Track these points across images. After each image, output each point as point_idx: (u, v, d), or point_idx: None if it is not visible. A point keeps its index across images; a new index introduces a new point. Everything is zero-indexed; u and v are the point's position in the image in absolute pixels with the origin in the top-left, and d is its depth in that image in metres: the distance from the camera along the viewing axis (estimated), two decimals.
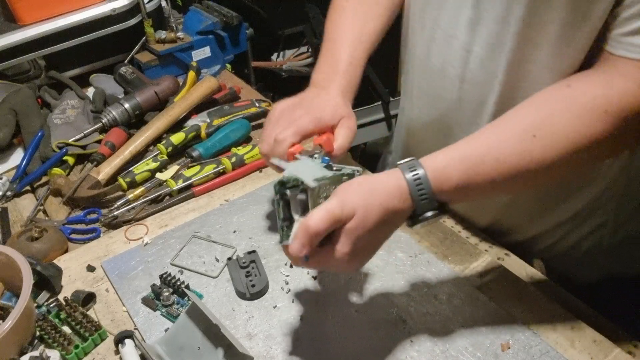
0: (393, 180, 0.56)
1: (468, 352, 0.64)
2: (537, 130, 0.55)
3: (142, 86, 1.13)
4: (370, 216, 0.54)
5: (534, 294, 0.70)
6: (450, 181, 0.56)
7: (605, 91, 0.55)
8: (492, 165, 0.56)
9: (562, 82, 0.59)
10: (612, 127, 0.54)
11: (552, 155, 0.55)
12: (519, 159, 0.55)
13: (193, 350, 0.64)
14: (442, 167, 0.56)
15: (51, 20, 1.14)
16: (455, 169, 0.56)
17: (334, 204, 0.53)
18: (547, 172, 0.57)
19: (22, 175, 0.97)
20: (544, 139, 0.55)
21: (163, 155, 0.98)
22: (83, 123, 1.07)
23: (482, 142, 0.57)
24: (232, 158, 0.96)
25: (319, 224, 0.52)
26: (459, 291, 0.71)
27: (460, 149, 0.57)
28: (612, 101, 0.54)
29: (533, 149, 0.55)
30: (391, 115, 1.91)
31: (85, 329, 0.68)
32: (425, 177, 0.55)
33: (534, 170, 0.56)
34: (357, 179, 0.57)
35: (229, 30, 1.31)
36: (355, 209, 0.53)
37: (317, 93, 0.71)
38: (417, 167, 0.56)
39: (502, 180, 0.56)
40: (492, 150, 0.56)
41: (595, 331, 0.66)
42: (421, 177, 0.55)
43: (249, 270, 0.74)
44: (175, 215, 0.88)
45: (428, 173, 0.55)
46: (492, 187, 0.57)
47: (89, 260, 0.80)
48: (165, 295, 0.71)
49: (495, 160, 0.56)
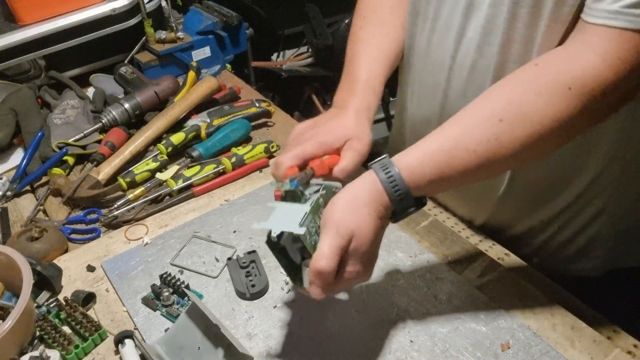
0: (369, 185, 0.56)
1: (468, 352, 0.64)
2: (504, 114, 0.55)
3: (142, 86, 1.13)
4: (365, 230, 0.55)
5: (534, 294, 0.70)
6: (424, 177, 0.56)
7: (568, 67, 0.55)
8: (463, 155, 0.56)
9: (531, 61, 0.59)
10: (577, 103, 0.54)
11: (520, 137, 0.55)
12: (488, 146, 0.55)
13: (193, 350, 0.64)
14: (415, 164, 0.56)
15: (51, 20, 1.14)
16: (427, 164, 0.56)
17: (333, 237, 0.54)
18: (519, 155, 0.56)
19: (22, 175, 0.97)
20: (510, 123, 0.55)
21: (163, 155, 0.98)
22: (83, 123, 1.07)
23: (452, 133, 0.57)
24: (232, 158, 0.96)
25: (330, 263, 0.53)
26: (459, 291, 0.71)
27: (432, 142, 0.58)
28: (575, 76, 0.54)
29: (501, 133, 0.55)
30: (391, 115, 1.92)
31: (85, 329, 0.68)
32: (399, 175, 0.56)
33: (505, 154, 0.56)
34: (338, 198, 0.57)
35: (229, 30, 1.31)
36: (352, 229, 0.54)
37: (334, 114, 0.71)
38: (389, 166, 0.56)
39: (475, 168, 0.56)
40: (461, 139, 0.56)
41: (595, 331, 0.66)
42: (395, 176, 0.56)
43: (249, 270, 0.74)
44: (175, 215, 0.88)
45: (401, 171, 0.56)
46: (466, 175, 0.57)
47: (89, 260, 0.80)
48: (165, 295, 0.71)
49: (465, 150, 0.56)
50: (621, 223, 0.79)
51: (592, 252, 0.82)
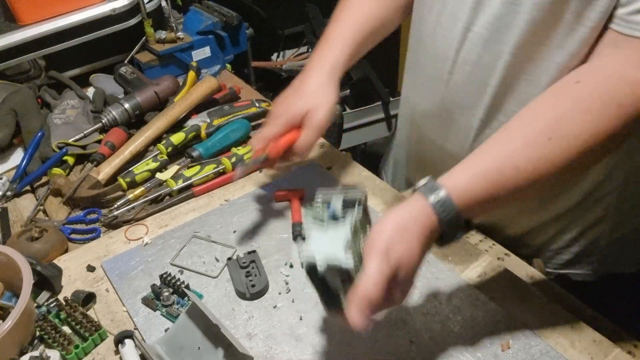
0: (418, 210, 0.54)
1: (468, 352, 0.64)
2: (552, 133, 0.55)
3: (142, 86, 1.13)
4: (413, 260, 0.53)
5: (534, 294, 0.70)
6: (473, 198, 0.55)
7: (616, 85, 0.55)
8: (513, 175, 0.55)
9: (570, 77, 0.58)
10: (626, 119, 0.54)
11: (570, 156, 0.55)
12: (537, 164, 0.55)
13: (193, 350, 0.64)
14: (464, 186, 0.55)
15: (51, 20, 1.14)
16: (477, 185, 0.55)
17: (382, 263, 0.51)
18: (567, 172, 0.57)
19: (22, 175, 0.97)
20: (560, 140, 0.55)
21: (163, 155, 0.98)
22: (83, 123, 1.07)
23: (499, 152, 0.57)
24: (232, 158, 0.96)
25: (378, 289, 0.50)
26: (459, 291, 0.71)
27: (479, 162, 0.57)
28: (625, 93, 0.54)
29: (550, 152, 0.55)
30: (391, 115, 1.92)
31: (85, 329, 0.68)
32: (448, 198, 0.54)
33: (554, 172, 0.55)
34: (385, 223, 0.53)
35: (229, 30, 1.31)
36: (401, 258, 0.52)
37: (297, 85, 0.73)
38: (437, 188, 0.55)
39: (524, 187, 0.56)
40: (510, 159, 0.55)
41: (595, 331, 0.66)
42: (443, 198, 0.54)
43: (249, 270, 0.74)
44: (175, 215, 0.88)
45: (451, 194, 0.54)
46: (515, 194, 0.57)
47: (89, 260, 0.80)
48: (165, 295, 0.71)
49: (515, 169, 0.55)
50: (619, 230, 0.80)
51: (588, 257, 0.82)
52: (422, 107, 0.83)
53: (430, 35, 0.76)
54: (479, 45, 0.68)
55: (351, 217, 0.55)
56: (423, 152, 0.88)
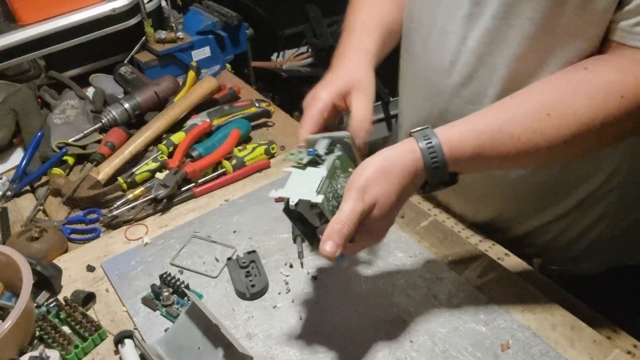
0: (407, 153, 0.56)
1: (468, 352, 0.64)
2: (552, 109, 0.56)
3: (142, 86, 1.13)
4: (391, 199, 0.55)
5: (534, 294, 0.70)
6: (464, 152, 0.57)
7: (622, 76, 0.56)
8: (506, 140, 0.57)
9: (579, 64, 0.60)
10: (626, 111, 0.55)
11: (565, 134, 0.56)
12: (532, 136, 0.56)
13: (193, 350, 0.64)
14: (457, 139, 0.56)
15: (51, 20, 1.14)
16: (469, 141, 0.57)
17: (356, 201, 0.54)
18: (558, 151, 0.58)
19: (22, 175, 0.97)
20: (558, 118, 0.56)
21: (163, 156, 0.98)
22: (83, 123, 1.07)
23: (498, 117, 0.58)
24: (233, 160, 0.96)
25: (349, 226, 0.53)
26: (458, 291, 0.71)
27: (477, 122, 0.58)
28: (630, 86, 0.55)
29: (547, 126, 0.56)
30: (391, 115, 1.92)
31: (85, 329, 0.68)
32: (439, 146, 0.56)
33: (545, 147, 0.57)
34: (370, 162, 0.56)
35: (228, 30, 1.31)
36: (377, 197, 0.55)
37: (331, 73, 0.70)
38: (431, 136, 0.56)
39: (513, 155, 0.57)
40: (506, 125, 0.57)
41: (595, 331, 0.66)
42: (435, 146, 0.56)
43: (249, 270, 0.74)
44: (175, 215, 0.88)
45: (442, 143, 0.56)
46: (503, 161, 0.58)
47: (89, 260, 0.80)
48: (165, 295, 0.71)
49: (509, 135, 0.56)
50: (622, 225, 0.80)
51: (594, 252, 0.82)
52: (418, 120, 0.83)
53: (420, 49, 0.76)
54: (474, 58, 0.68)
55: (330, 160, 0.58)
56: None
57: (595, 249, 0.81)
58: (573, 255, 0.82)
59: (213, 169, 0.96)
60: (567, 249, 0.82)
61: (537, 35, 0.62)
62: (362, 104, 0.65)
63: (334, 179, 0.58)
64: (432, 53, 0.74)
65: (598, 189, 0.75)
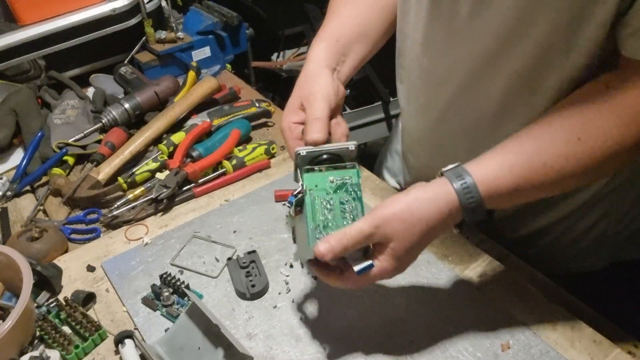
0: (442, 196, 0.55)
1: (468, 352, 0.64)
2: (582, 133, 0.55)
3: (142, 86, 1.13)
4: (412, 238, 0.55)
5: (534, 294, 0.70)
6: (499, 190, 0.55)
7: None
8: (540, 171, 0.55)
9: (599, 81, 0.58)
10: None
11: (597, 157, 0.55)
12: (565, 163, 0.55)
13: (193, 351, 0.64)
14: (492, 176, 0.55)
15: (51, 20, 1.14)
16: (504, 177, 0.55)
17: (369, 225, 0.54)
18: (593, 173, 0.57)
19: (22, 175, 0.97)
20: (590, 141, 0.55)
21: (164, 156, 0.98)
22: (83, 123, 1.07)
23: (528, 147, 0.57)
24: (233, 160, 0.96)
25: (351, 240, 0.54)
26: (459, 291, 0.71)
27: (507, 154, 0.57)
28: None
29: (579, 151, 0.55)
30: (391, 115, 1.91)
31: (85, 329, 0.68)
32: (474, 186, 0.55)
33: (581, 172, 0.56)
34: (401, 200, 0.56)
35: (229, 30, 1.31)
36: (393, 234, 0.55)
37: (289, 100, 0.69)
38: (464, 175, 0.55)
39: (549, 184, 0.56)
40: (538, 154, 0.56)
41: (595, 331, 0.66)
42: (470, 186, 0.55)
43: (249, 271, 0.74)
44: (175, 215, 0.88)
45: (477, 183, 0.55)
46: (539, 191, 0.57)
47: (89, 261, 0.80)
48: (165, 296, 0.71)
49: (542, 165, 0.55)
50: (624, 221, 0.80)
51: (596, 249, 0.82)
52: (416, 129, 0.83)
53: (416, 65, 0.75)
54: (470, 75, 0.68)
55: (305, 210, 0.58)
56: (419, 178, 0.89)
57: (597, 246, 0.81)
58: (575, 253, 0.82)
59: (213, 169, 0.96)
60: (569, 248, 0.82)
61: (534, 51, 0.61)
62: (310, 109, 0.64)
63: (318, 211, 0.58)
64: (428, 70, 0.73)
65: (600, 190, 0.75)
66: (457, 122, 0.74)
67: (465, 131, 0.74)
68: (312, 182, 0.59)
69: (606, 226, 0.79)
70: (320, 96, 0.65)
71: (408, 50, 0.76)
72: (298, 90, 0.68)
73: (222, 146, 0.97)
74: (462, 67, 0.68)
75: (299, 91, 0.68)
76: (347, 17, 0.75)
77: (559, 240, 0.81)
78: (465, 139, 0.74)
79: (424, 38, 0.71)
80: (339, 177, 0.59)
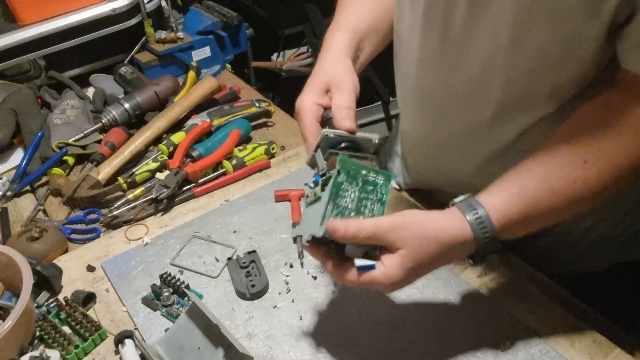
0: (457, 225, 0.55)
1: (468, 352, 0.64)
2: (588, 155, 0.55)
3: (142, 86, 1.13)
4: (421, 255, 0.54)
5: (534, 294, 0.70)
6: (511, 219, 0.55)
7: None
8: (549, 197, 0.55)
9: (599, 101, 0.58)
10: None
11: (604, 179, 0.55)
12: (574, 187, 0.55)
13: (193, 351, 0.64)
14: (502, 206, 0.55)
15: (51, 20, 1.14)
16: (514, 206, 0.55)
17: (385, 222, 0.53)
18: (600, 195, 0.57)
19: (22, 175, 0.97)
20: (596, 164, 0.55)
21: (164, 156, 0.98)
22: (83, 123, 1.07)
23: (535, 174, 0.57)
24: (233, 160, 0.96)
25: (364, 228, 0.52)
26: (459, 291, 0.71)
27: (515, 183, 0.57)
28: None
29: (587, 175, 0.55)
30: (391, 115, 1.91)
31: (85, 329, 0.68)
32: (487, 218, 0.54)
33: (590, 195, 0.56)
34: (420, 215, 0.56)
35: (229, 30, 1.31)
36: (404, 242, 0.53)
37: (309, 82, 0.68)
38: (476, 206, 0.55)
39: (560, 209, 0.56)
40: (546, 181, 0.56)
41: (595, 331, 0.66)
42: (483, 217, 0.54)
43: (249, 271, 0.74)
44: (175, 215, 0.88)
45: (490, 213, 0.54)
46: (550, 216, 0.57)
47: (89, 261, 0.80)
48: (165, 296, 0.71)
49: (550, 191, 0.55)
50: (623, 223, 0.80)
51: (597, 250, 0.82)
52: (415, 135, 0.83)
53: (412, 72, 0.75)
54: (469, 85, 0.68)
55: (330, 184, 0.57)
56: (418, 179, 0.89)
57: (597, 247, 0.81)
58: (575, 254, 0.82)
59: (213, 169, 0.96)
60: (569, 249, 0.82)
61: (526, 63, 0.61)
62: (340, 95, 0.64)
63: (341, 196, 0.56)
64: (425, 78, 0.73)
65: None
66: (453, 128, 0.74)
67: (461, 136, 0.73)
68: (345, 167, 0.57)
69: (605, 229, 0.79)
70: (351, 86, 0.65)
71: (403, 54, 0.76)
72: (323, 74, 0.67)
73: (222, 146, 0.97)
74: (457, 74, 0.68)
75: (324, 75, 0.67)
76: (360, 11, 0.76)
77: (558, 242, 0.81)
78: (462, 143, 0.74)
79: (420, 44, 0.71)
80: (372, 175, 0.58)
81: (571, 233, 0.80)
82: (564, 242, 0.81)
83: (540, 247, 0.82)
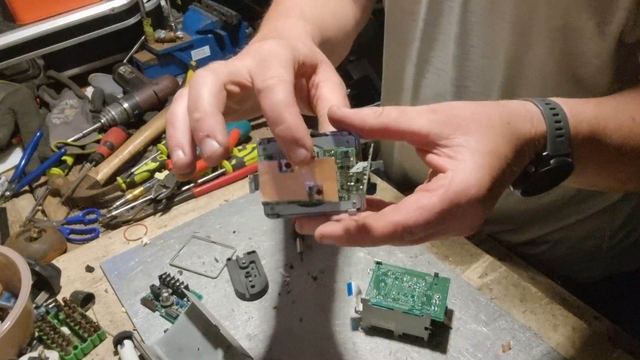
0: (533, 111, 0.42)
1: (469, 352, 0.64)
2: (636, 114, 0.49)
3: (141, 86, 1.12)
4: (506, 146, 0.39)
5: (535, 295, 0.70)
6: (582, 125, 0.44)
7: None
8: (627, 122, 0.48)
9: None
10: None
11: None
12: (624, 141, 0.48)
13: (192, 351, 0.63)
14: (575, 106, 0.44)
15: (50, 20, 1.13)
16: (590, 111, 0.45)
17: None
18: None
19: (21, 175, 0.96)
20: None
21: (163, 155, 0.98)
22: (82, 123, 1.06)
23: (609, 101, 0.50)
24: (232, 160, 0.96)
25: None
26: (459, 292, 0.71)
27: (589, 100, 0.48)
28: None
29: (634, 131, 0.48)
30: None
31: (84, 329, 0.67)
32: (561, 109, 0.43)
33: (635, 154, 0.48)
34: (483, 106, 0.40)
35: (228, 30, 1.31)
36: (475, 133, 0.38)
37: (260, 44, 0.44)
38: (547, 100, 0.44)
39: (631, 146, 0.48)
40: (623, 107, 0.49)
41: (595, 332, 0.66)
42: (557, 108, 0.43)
43: (249, 271, 0.74)
44: (175, 215, 0.88)
45: (563, 106, 0.43)
46: (619, 153, 0.48)
47: (88, 261, 0.80)
48: (164, 296, 0.71)
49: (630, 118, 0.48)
50: (617, 236, 0.80)
51: (591, 261, 0.82)
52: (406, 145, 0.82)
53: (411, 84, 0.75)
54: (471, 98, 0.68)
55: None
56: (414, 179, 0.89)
57: (592, 258, 0.82)
58: (570, 263, 0.83)
59: (213, 169, 0.96)
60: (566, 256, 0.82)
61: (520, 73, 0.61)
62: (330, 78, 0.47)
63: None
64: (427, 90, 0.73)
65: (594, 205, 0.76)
66: None
67: None
68: None
69: (601, 240, 0.79)
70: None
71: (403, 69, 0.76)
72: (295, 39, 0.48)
73: None
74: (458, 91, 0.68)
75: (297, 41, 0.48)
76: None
77: (552, 250, 0.82)
78: None
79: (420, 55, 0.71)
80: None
81: (565, 242, 0.80)
82: (560, 248, 0.81)
83: (530, 254, 0.82)
